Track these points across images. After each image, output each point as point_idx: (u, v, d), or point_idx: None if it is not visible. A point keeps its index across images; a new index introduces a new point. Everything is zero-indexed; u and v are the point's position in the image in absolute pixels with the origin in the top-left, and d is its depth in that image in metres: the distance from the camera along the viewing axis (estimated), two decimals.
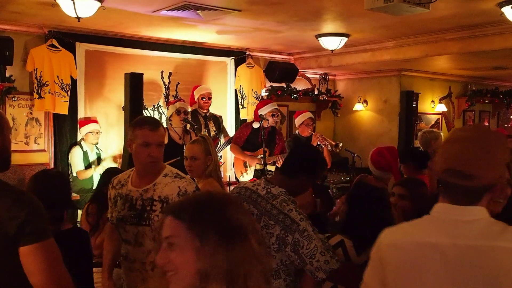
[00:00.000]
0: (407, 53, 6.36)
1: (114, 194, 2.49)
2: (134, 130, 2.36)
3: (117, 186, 2.49)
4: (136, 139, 2.34)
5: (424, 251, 1.34)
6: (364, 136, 8.26)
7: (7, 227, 1.48)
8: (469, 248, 1.30)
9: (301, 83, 8.01)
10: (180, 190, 2.34)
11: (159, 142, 2.36)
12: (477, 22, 5.25)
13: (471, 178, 1.31)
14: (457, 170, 1.32)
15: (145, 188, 2.38)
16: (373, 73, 8.24)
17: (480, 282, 1.27)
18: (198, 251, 1.13)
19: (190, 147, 3.10)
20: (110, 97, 6.04)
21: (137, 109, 4.93)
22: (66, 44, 5.57)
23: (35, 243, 1.51)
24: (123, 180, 2.48)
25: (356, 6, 4.37)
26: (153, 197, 2.35)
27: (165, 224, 1.19)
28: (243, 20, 5.15)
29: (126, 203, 2.40)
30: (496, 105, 9.99)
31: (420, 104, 8.46)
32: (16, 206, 1.51)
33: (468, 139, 1.36)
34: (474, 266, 1.29)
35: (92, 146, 5.59)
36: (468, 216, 1.33)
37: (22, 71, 5.38)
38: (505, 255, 1.27)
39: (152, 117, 2.44)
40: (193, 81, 6.54)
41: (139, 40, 6.12)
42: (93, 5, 4.28)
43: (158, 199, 2.35)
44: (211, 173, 3.06)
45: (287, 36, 6.10)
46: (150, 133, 2.33)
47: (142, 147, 2.32)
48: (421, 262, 1.34)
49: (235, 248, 1.14)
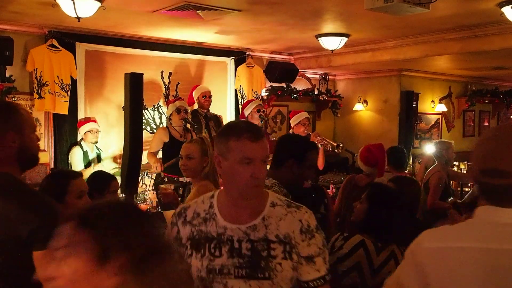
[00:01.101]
0: (407, 53, 6.36)
1: (191, 233, 1.76)
2: (229, 140, 1.70)
3: (194, 222, 1.77)
4: (230, 153, 1.69)
5: (466, 257, 1.27)
6: (364, 136, 8.25)
7: (20, 230, 1.48)
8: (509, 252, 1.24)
9: (301, 83, 8.02)
10: (302, 225, 1.73)
11: (264, 157, 1.72)
12: (477, 22, 5.25)
13: (509, 176, 1.25)
14: (493, 168, 1.27)
15: (251, 224, 1.72)
16: (373, 73, 8.25)
17: None
18: (99, 269, 0.96)
19: (186, 146, 3.00)
20: (110, 97, 6.04)
21: (137, 109, 4.93)
22: (66, 44, 5.57)
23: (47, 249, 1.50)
24: (203, 212, 1.78)
25: (356, 6, 4.37)
26: (267, 236, 1.70)
27: (66, 231, 1.00)
28: (243, 20, 5.15)
29: (222, 246, 1.71)
30: (496, 105, 9.99)
31: (420, 104, 8.46)
32: (30, 210, 1.51)
33: (498, 137, 1.32)
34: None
35: (92, 146, 5.59)
36: (508, 219, 1.27)
37: (22, 71, 5.38)
38: None
39: (252, 123, 1.85)
40: (193, 81, 6.54)
41: (139, 40, 6.12)
42: (93, 5, 4.28)
43: (277, 240, 1.70)
44: (208, 176, 2.88)
45: (287, 36, 6.10)
46: (253, 146, 1.69)
47: (242, 165, 1.67)
48: (464, 267, 1.27)
49: (145, 273, 0.97)
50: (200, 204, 1.80)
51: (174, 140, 5.10)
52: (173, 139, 5.11)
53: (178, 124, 5.22)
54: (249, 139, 1.69)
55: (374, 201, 2.43)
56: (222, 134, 1.75)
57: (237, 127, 1.74)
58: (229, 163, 1.70)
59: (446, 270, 1.30)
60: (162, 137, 5.15)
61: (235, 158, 1.68)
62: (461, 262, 1.28)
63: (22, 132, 1.65)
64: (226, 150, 1.70)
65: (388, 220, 2.32)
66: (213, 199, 1.79)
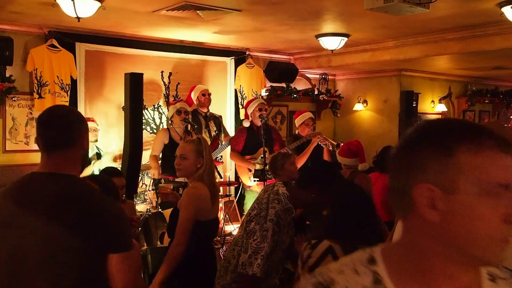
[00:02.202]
0: (407, 53, 6.36)
1: None
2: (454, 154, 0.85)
3: None
4: (461, 178, 0.84)
5: None
6: (364, 136, 8.24)
7: (88, 233, 1.52)
8: None
9: (301, 83, 8.02)
10: None
11: None
12: (477, 22, 5.25)
13: None
14: None
15: None
16: (373, 73, 8.24)
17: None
18: None
19: (182, 145, 2.98)
20: (110, 97, 6.04)
21: (137, 109, 4.92)
22: (66, 44, 5.57)
23: (120, 252, 1.59)
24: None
25: (356, 6, 4.37)
26: None
27: None
28: (243, 20, 5.15)
29: None
30: (496, 105, 9.99)
31: (420, 104, 8.46)
32: (98, 213, 1.56)
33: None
34: None
35: (92, 145, 5.59)
36: None
37: (22, 71, 5.38)
38: None
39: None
40: (193, 81, 6.54)
41: (139, 40, 6.12)
42: (93, 5, 4.28)
43: None
44: (203, 177, 2.83)
45: (287, 36, 6.10)
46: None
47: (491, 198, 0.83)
48: None
49: None
50: (353, 277, 0.93)
51: (173, 142, 5.11)
52: (173, 141, 5.12)
53: (179, 126, 5.23)
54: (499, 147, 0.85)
55: (336, 203, 2.33)
56: (432, 143, 0.87)
57: (492, 134, 0.86)
58: (461, 198, 0.84)
59: None
60: (163, 139, 5.17)
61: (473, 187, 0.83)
62: None
63: (88, 138, 1.78)
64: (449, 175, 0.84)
65: (351, 222, 2.18)
66: (376, 267, 0.94)
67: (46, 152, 1.65)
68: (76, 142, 1.68)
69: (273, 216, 2.38)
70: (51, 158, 1.64)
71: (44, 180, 1.61)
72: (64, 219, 1.50)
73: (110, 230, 1.55)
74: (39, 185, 1.60)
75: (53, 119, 1.70)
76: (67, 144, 1.66)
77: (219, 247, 5.40)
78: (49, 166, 1.63)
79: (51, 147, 1.65)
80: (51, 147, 1.64)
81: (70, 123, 1.70)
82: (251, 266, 2.33)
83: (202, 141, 2.94)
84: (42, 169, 1.64)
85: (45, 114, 1.72)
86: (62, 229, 1.49)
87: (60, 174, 1.61)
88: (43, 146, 1.66)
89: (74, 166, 1.68)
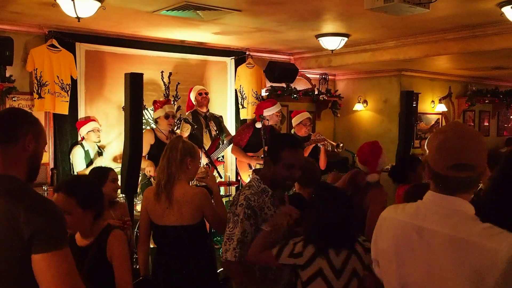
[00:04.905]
0: (407, 53, 6.37)
1: None
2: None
3: None
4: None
5: (406, 230, 1.54)
6: (364, 136, 8.24)
7: (22, 231, 1.49)
8: (450, 237, 1.42)
9: (301, 83, 8.02)
10: None
11: None
12: (477, 22, 5.25)
13: (474, 169, 1.46)
14: (463, 163, 1.45)
15: None
16: (373, 73, 8.25)
17: (456, 272, 1.38)
18: None
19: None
20: (110, 97, 6.04)
21: (137, 109, 4.92)
22: (66, 44, 5.57)
23: (47, 252, 1.50)
24: None
25: (356, 6, 4.37)
26: None
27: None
28: (243, 20, 5.15)
29: None
30: (496, 105, 10.00)
31: (420, 104, 8.46)
32: (33, 211, 1.52)
33: (461, 134, 1.49)
34: (452, 256, 1.40)
35: (93, 145, 5.60)
36: (456, 206, 1.48)
37: (22, 71, 5.38)
38: (488, 253, 1.34)
39: None
40: (193, 81, 6.54)
41: (139, 40, 6.12)
42: (93, 5, 4.28)
43: None
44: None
45: (287, 36, 6.10)
46: None
47: None
48: (402, 239, 1.55)
49: None
50: None
51: (160, 141, 5.16)
52: (159, 141, 5.18)
53: (165, 128, 5.27)
54: None
55: (315, 204, 2.39)
56: None
57: None
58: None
59: (380, 233, 1.67)
60: (149, 140, 5.21)
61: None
62: (387, 229, 1.62)
63: (38, 141, 1.72)
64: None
65: (321, 223, 2.27)
66: None
67: None
68: (18, 141, 1.65)
69: (243, 201, 2.37)
70: None
71: None
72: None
73: (37, 225, 1.50)
74: None
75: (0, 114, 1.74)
76: (7, 140, 1.64)
77: (219, 247, 5.40)
78: None
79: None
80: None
81: (12, 119, 1.69)
82: (227, 252, 2.36)
83: (181, 140, 2.94)
84: None
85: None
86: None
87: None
88: None
89: (13, 166, 1.64)
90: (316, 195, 2.51)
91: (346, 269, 2.22)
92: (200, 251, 2.88)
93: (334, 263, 2.21)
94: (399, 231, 1.56)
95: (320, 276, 2.20)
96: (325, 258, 2.21)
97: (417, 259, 1.49)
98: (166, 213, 2.80)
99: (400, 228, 1.56)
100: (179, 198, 2.78)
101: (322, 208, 2.32)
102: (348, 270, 2.22)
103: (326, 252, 2.22)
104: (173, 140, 2.96)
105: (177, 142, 2.89)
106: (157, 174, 2.88)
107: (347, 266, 2.22)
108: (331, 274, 2.20)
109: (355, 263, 2.24)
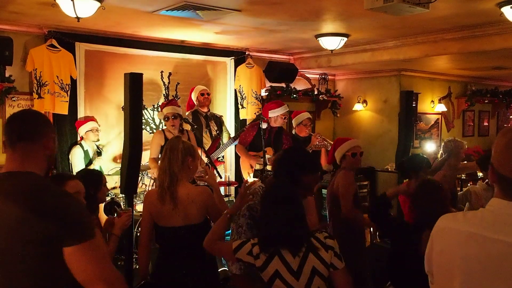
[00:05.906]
0: (407, 53, 6.37)
1: None
2: None
3: None
4: None
5: (472, 241, 1.39)
6: (364, 136, 8.25)
7: (48, 227, 1.52)
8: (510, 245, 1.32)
9: (301, 83, 8.02)
10: None
11: None
12: (477, 22, 5.25)
13: None
14: None
15: None
16: (373, 73, 8.25)
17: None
18: None
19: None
20: (110, 97, 6.04)
21: (137, 109, 4.92)
22: (65, 44, 5.57)
23: (81, 243, 1.55)
24: None
25: (356, 6, 4.37)
26: None
27: None
28: (243, 20, 5.15)
29: None
30: (496, 105, 10.00)
31: (420, 104, 8.46)
32: (58, 207, 1.57)
33: None
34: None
35: (92, 145, 5.59)
36: None
37: (22, 71, 5.38)
38: None
39: None
40: (193, 81, 6.54)
41: (139, 40, 6.12)
42: (92, 5, 4.28)
43: None
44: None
45: (287, 36, 6.10)
46: None
47: None
48: (467, 251, 1.40)
49: None
50: None
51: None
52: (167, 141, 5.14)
53: (170, 129, 5.28)
54: None
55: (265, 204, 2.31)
56: None
57: None
58: None
59: (442, 245, 1.49)
60: (159, 141, 5.20)
61: None
62: (447, 241, 1.47)
63: (54, 140, 1.82)
64: None
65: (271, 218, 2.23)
66: None
67: (10, 147, 1.70)
68: (41, 139, 1.72)
69: (245, 211, 2.37)
70: (15, 154, 1.68)
71: (2, 179, 1.65)
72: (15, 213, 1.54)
73: (65, 220, 1.55)
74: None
75: (20, 114, 1.81)
76: (31, 138, 1.70)
77: None
78: (11, 165, 1.67)
79: (15, 140, 1.69)
80: (15, 141, 1.69)
81: (35, 119, 1.78)
82: (232, 265, 2.34)
83: (180, 139, 2.94)
84: (4, 169, 1.68)
85: (13, 114, 1.80)
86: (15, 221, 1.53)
87: (19, 172, 1.65)
88: (8, 141, 1.70)
89: (35, 164, 1.70)
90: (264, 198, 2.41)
91: (304, 269, 2.15)
92: (203, 251, 2.87)
93: (290, 264, 2.15)
94: (463, 242, 1.40)
95: (277, 277, 2.15)
96: (280, 260, 2.16)
97: (489, 275, 1.33)
98: (172, 214, 2.78)
99: (464, 239, 1.40)
100: (184, 198, 2.76)
101: (270, 212, 2.24)
102: (307, 270, 2.15)
103: (279, 254, 2.16)
104: (172, 140, 2.94)
105: (177, 143, 2.88)
106: (158, 175, 2.86)
107: (305, 266, 2.16)
108: (289, 276, 2.14)
109: (314, 262, 2.16)
